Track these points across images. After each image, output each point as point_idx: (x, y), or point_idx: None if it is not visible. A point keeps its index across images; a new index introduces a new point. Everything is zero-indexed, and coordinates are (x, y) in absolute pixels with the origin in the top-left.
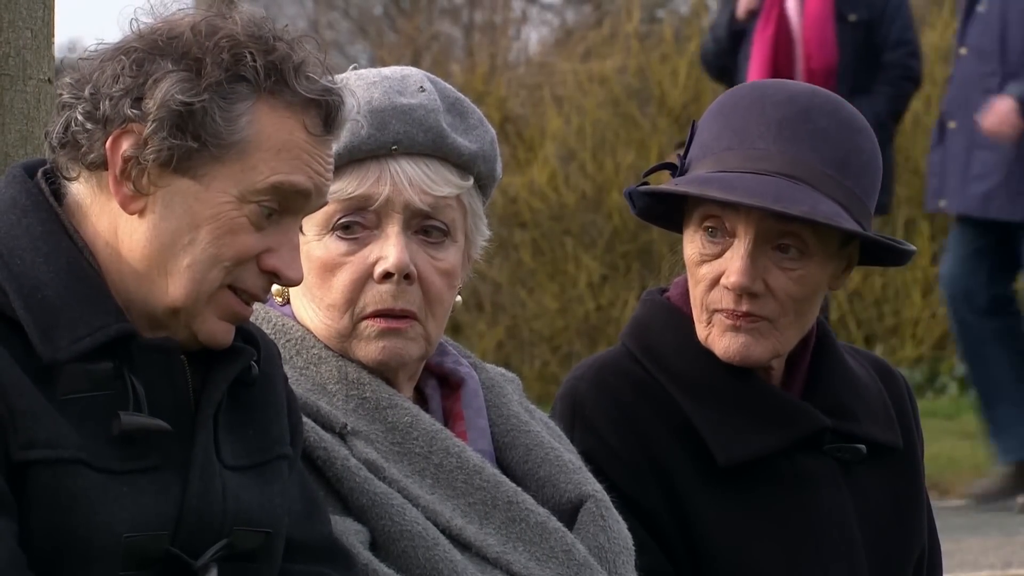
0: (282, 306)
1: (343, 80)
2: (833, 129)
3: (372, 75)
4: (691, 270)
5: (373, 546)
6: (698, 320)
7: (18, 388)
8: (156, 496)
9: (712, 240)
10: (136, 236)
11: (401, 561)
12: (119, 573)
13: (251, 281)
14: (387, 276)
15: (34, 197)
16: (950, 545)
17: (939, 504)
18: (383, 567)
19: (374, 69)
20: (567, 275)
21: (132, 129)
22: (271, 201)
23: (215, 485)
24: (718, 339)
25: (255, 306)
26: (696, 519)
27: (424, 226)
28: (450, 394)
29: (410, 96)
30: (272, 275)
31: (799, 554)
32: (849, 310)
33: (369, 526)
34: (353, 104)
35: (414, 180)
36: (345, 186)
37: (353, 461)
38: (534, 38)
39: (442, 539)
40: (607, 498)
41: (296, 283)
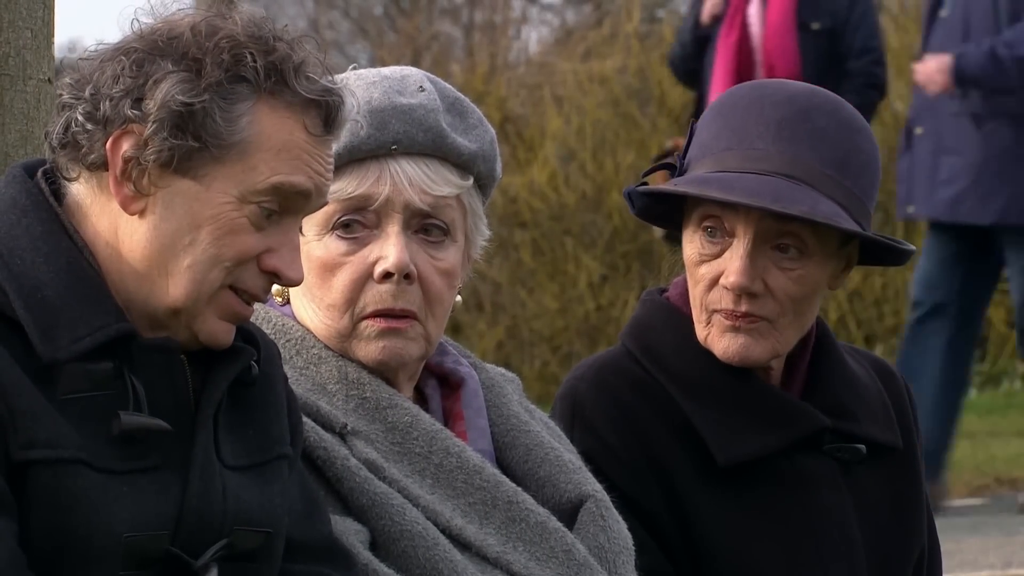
0: (282, 306)
1: (343, 80)
2: (832, 129)
3: (372, 75)
4: (690, 270)
5: (373, 546)
6: (697, 320)
7: (18, 388)
8: (156, 496)
9: (711, 240)
10: (136, 236)
11: (401, 561)
12: (119, 573)
13: (251, 281)
14: (387, 276)
15: (34, 197)
16: (950, 545)
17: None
18: (383, 567)
19: (374, 69)
20: (567, 275)
21: (132, 130)
22: (271, 201)
23: (215, 485)
24: (717, 339)
25: (255, 306)
26: (696, 519)
27: (424, 225)
28: (450, 394)
29: (410, 96)
30: (273, 275)
31: (799, 554)
32: (849, 310)
33: (369, 526)
34: (353, 104)
35: (414, 180)
36: (345, 186)
37: (353, 461)
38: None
39: (442, 539)
40: (607, 498)
41: (297, 283)
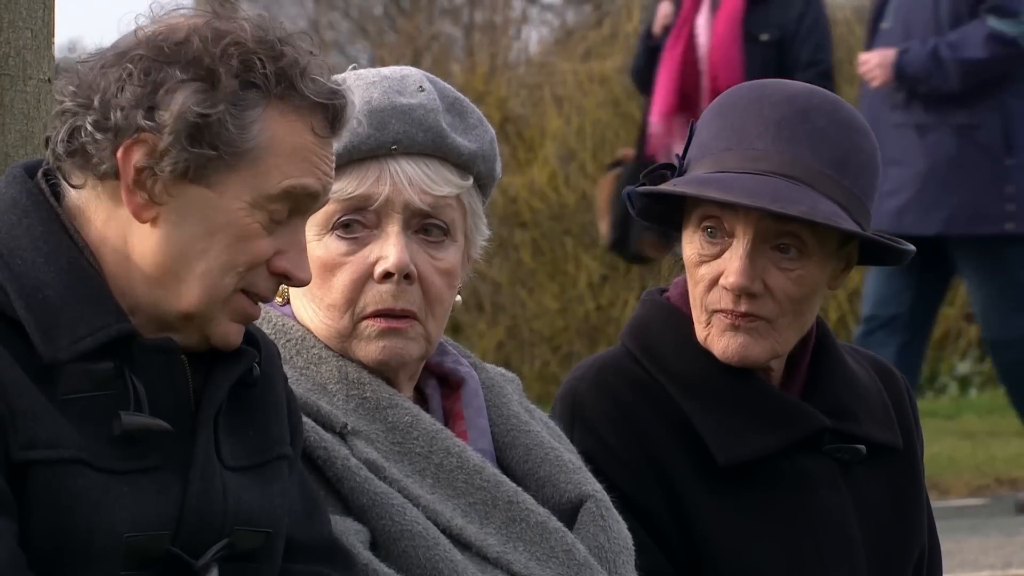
0: (282, 306)
1: (343, 80)
2: (832, 129)
3: (371, 75)
4: (690, 271)
5: (373, 546)
6: (697, 320)
7: (19, 388)
8: (157, 496)
9: (711, 240)
10: (148, 244)
11: (401, 561)
12: (120, 573)
13: (262, 284)
14: (387, 276)
15: (34, 197)
16: (950, 545)
17: (939, 504)
18: (383, 567)
19: (373, 69)
20: (567, 275)
21: (144, 139)
22: (282, 205)
23: (216, 485)
24: (717, 339)
25: None
26: (696, 519)
27: (424, 225)
28: (450, 394)
29: (410, 96)
30: (282, 277)
31: (799, 554)
32: (849, 310)
33: (369, 526)
34: (354, 103)
35: (414, 180)
36: (345, 186)
37: (353, 461)
38: (534, 38)
39: (442, 539)
40: (607, 498)
41: (305, 284)
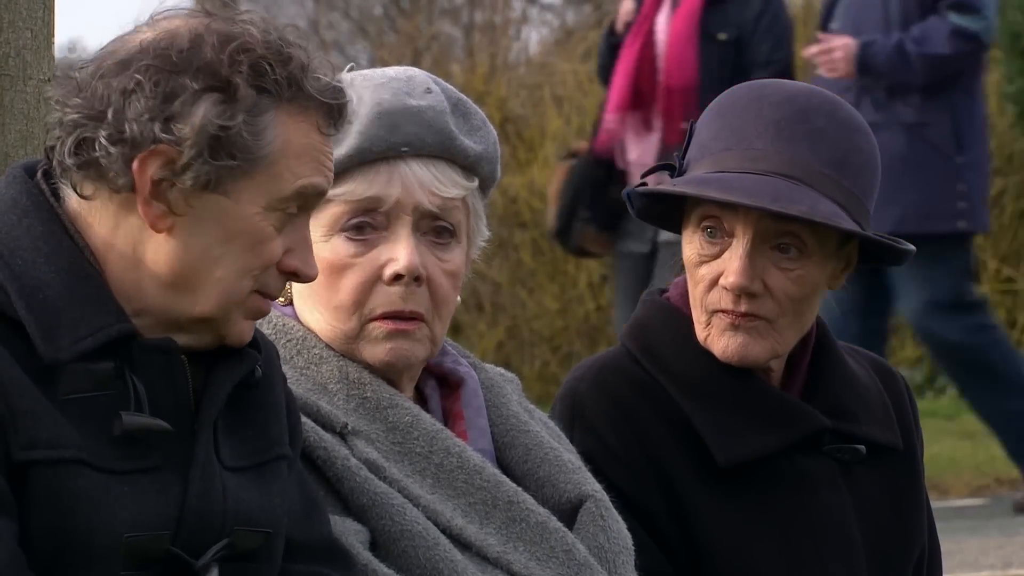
0: (283, 307)
1: (347, 79)
2: (831, 129)
3: (378, 76)
4: (690, 271)
5: (373, 546)
6: (697, 321)
7: (19, 388)
8: (157, 496)
9: (711, 240)
10: (163, 252)
11: (401, 561)
12: (120, 573)
13: (273, 283)
14: (397, 278)
15: (34, 198)
16: (950, 545)
17: (939, 504)
18: (383, 567)
19: (378, 70)
20: (567, 275)
21: (162, 151)
22: (294, 205)
23: (216, 485)
24: (717, 339)
25: None
26: (696, 519)
27: (432, 227)
28: (449, 394)
29: (418, 98)
30: (291, 275)
31: (799, 555)
32: None
33: (369, 526)
34: (353, 99)
35: (424, 182)
36: (355, 188)
37: (353, 461)
38: (534, 38)
39: (442, 539)
40: (606, 498)
41: (313, 279)
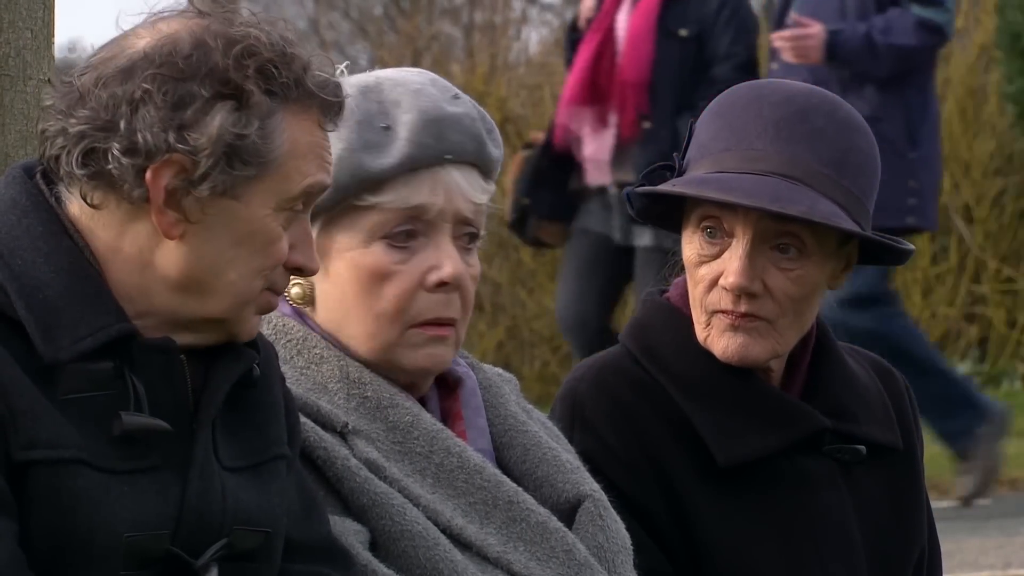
0: (298, 308)
1: (376, 82)
2: (831, 129)
3: (409, 81)
4: (690, 271)
5: (373, 546)
6: (697, 321)
7: (19, 388)
8: (156, 496)
9: (711, 241)
10: (174, 257)
11: (401, 561)
12: (120, 573)
13: (280, 280)
14: (441, 285)
15: (34, 198)
16: (950, 545)
17: (939, 504)
18: (383, 567)
19: (395, 72)
20: None
21: (176, 160)
22: (300, 203)
23: (215, 485)
24: (717, 340)
25: None
26: (696, 519)
27: (463, 233)
28: (448, 394)
29: (453, 104)
30: (296, 270)
31: (799, 555)
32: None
33: (369, 526)
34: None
35: (463, 189)
36: (401, 196)
37: (353, 461)
38: (534, 38)
39: (443, 539)
40: (605, 498)
41: (315, 273)
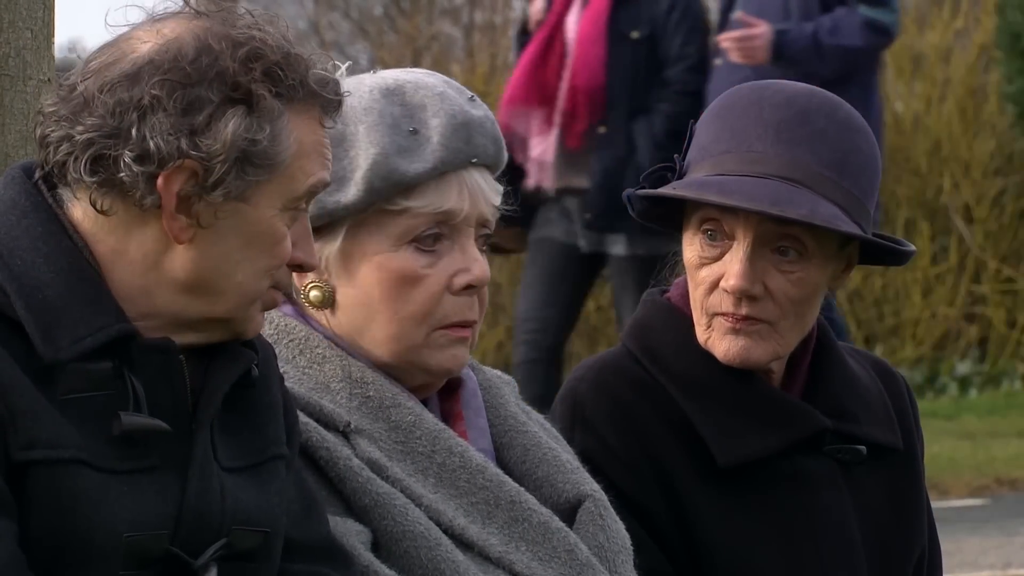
0: (299, 308)
1: (397, 84)
2: (831, 130)
3: (431, 83)
4: (690, 273)
5: (375, 547)
6: (698, 323)
7: (18, 388)
8: (156, 496)
9: (711, 243)
10: (182, 261)
11: (403, 562)
12: (119, 573)
13: (284, 278)
14: (468, 288)
15: (33, 198)
16: (950, 545)
17: (939, 504)
18: (385, 568)
19: (423, 73)
20: None
21: (187, 166)
22: (304, 202)
23: (214, 485)
24: (718, 342)
25: None
26: (696, 519)
27: (480, 235)
28: (448, 395)
29: (474, 107)
30: (298, 267)
31: (799, 555)
32: (849, 310)
33: (371, 527)
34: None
35: (485, 192)
36: (432, 200)
37: (356, 461)
38: None
39: (444, 539)
40: (605, 498)
41: (313, 269)
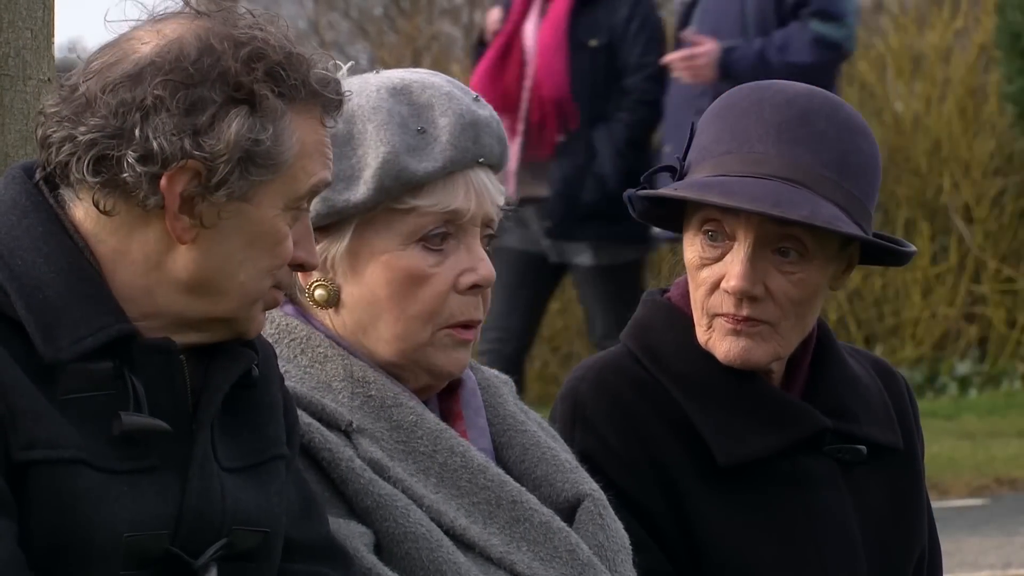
0: (300, 307)
1: (403, 83)
2: (832, 131)
3: (437, 83)
4: (691, 273)
5: (377, 548)
6: (699, 324)
7: (19, 388)
8: (156, 496)
9: (712, 244)
10: (185, 261)
11: (405, 563)
12: (119, 573)
13: (286, 277)
14: (474, 288)
15: (34, 198)
16: (950, 545)
17: (939, 504)
18: (387, 570)
19: (428, 73)
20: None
21: (190, 167)
22: (305, 202)
23: (214, 485)
24: (719, 343)
25: None
26: (696, 519)
27: (484, 235)
28: (448, 395)
29: (479, 107)
30: (299, 267)
31: (799, 555)
32: (849, 310)
33: (373, 528)
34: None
35: (490, 192)
36: (441, 199)
37: (358, 462)
38: None
39: (446, 541)
40: (604, 497)
41: (315, 268)
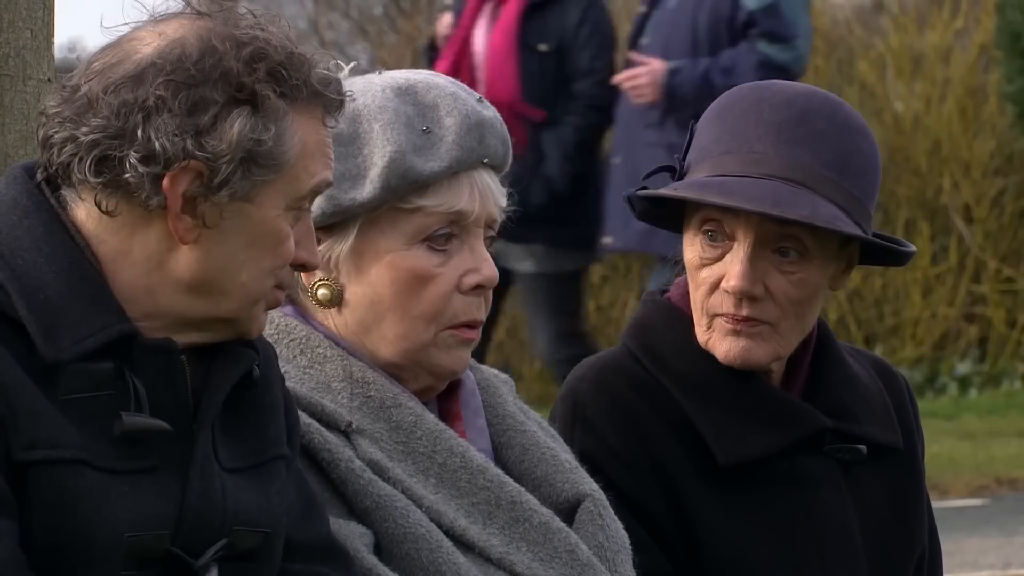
0: (299, 307)
1: (408, 83)
2: (832, 131)
3: (442, 83)
4: (691, 273)
5: (377, 549)
6: (698, 324)
7: (19, 388)
8: (157, 496)
9: (712, 244)
10: (187, 261)
11: (405, 564)
12: (120, 573)
13: (287, 277)
14: (477, 288)
15: (35, 198)
16: (950, 545)
17: (939, 504)
18: (387, 571)
19: (431, 74)
20: None
21: (192, 167)
22: (307, 202)
23: (215, 485)
24: (719, 343)
25: None
26: (696, 519)
27: (486, 236)
28: (447, 395)
29: (482, 107)
30: (300, 267)
31: (799, 555)
32: (849, 310)
33: (373, 528)
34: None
35: (494, 193)
36: (446, 200)
37: (358, 463)
38: None
39: (446, 541)
40: (604, 497)
41: (316, 268)
